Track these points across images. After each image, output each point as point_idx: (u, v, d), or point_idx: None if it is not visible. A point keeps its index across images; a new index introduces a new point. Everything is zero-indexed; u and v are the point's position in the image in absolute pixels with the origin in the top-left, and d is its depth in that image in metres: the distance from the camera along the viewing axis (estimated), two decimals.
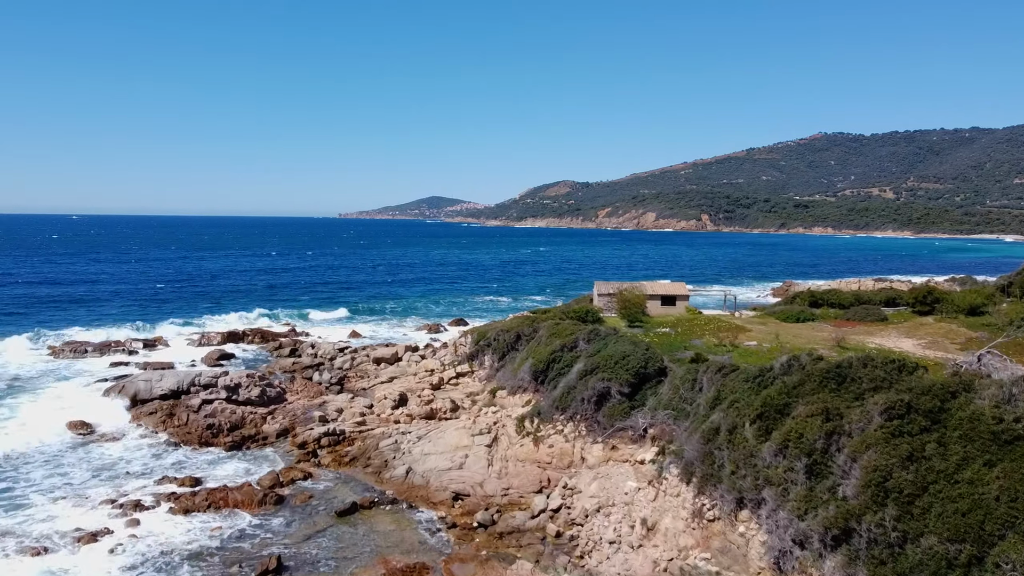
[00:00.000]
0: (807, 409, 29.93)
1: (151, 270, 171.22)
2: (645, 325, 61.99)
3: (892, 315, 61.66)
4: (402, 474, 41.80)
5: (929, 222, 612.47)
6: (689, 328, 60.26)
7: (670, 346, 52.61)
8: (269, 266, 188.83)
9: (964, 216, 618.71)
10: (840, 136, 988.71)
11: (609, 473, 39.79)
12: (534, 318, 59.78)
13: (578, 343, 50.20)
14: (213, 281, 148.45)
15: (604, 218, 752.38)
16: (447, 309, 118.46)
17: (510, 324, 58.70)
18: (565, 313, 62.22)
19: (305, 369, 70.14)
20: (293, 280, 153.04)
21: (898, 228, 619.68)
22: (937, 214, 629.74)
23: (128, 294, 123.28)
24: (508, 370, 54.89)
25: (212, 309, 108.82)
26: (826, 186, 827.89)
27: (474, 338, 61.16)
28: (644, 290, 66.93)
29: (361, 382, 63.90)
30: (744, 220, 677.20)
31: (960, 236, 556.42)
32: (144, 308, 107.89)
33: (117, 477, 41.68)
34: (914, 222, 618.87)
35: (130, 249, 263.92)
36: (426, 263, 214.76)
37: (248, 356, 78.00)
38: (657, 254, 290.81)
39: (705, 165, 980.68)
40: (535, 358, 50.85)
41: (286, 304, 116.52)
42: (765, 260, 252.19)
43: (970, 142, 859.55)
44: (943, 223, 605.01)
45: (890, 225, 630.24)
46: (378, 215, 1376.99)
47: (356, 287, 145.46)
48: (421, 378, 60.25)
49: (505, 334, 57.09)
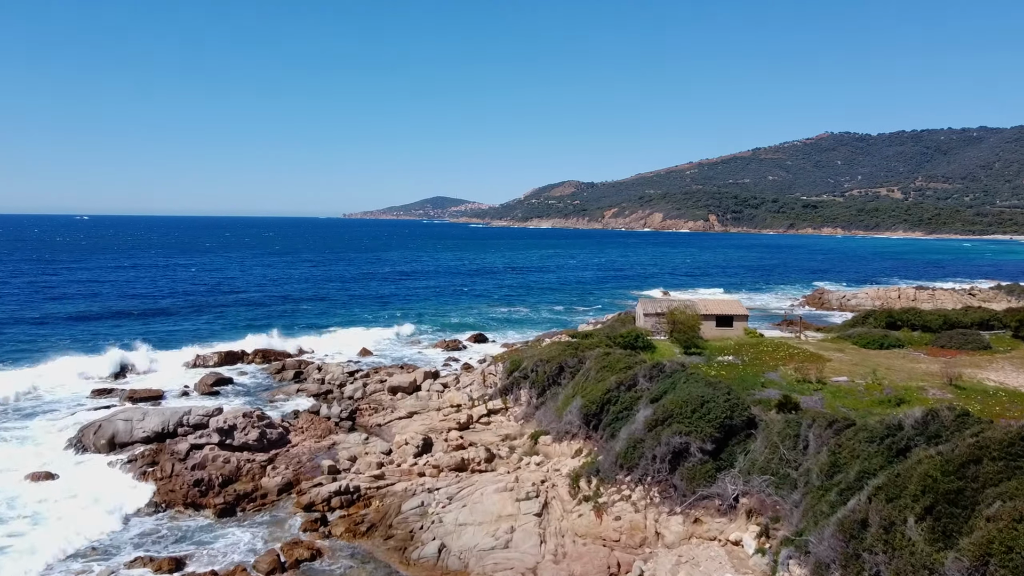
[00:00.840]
0: (1012, 509, 21.67)
1: (141, 278, 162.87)
2: (703, 351, 53.80)
3: (992, 340, 53.35)
4: (433, 553, 33.60)
5: (940, 222, 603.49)
6: (756, 356, 52.09)
7: (742, 381, 44.50)
8: (270, 273, 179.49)
9: (976, 217, 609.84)
10: (846, 136, 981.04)
11: (696, 557, 31.54)
12: (576, 344, 51.59)
13: (637, 380, 42.05)
14: (212, 291, 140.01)
15: (610, 218, 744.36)
16: (462, 319, 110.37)
17: (550, 352, 50.48)
18: (611, 338, 54.06)
19: (312, 398, 62.11)
20: (296, 289, 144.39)
21: (909, 228, 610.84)
22: (948, 214, 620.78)
23: (114, 306, 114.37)
24: (550, 408, 46.72)
25: (210, 324, 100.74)
26: (833, 186, 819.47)
27: (506, 367, 52.98)
28: (697, 309, 58.75)
29: (375, 416, 55.67)
30: (752, 221, 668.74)
31: (973, 237, 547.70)
32: (135, 323, 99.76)
33: (78, 556, 33.53)
34: (925, 222, 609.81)
35: (124, 253, 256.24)
36: (436, 269, 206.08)
37: (247, 382, 69.83)
38: (671, 257, 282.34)
39: (711, 165, 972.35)
40: (585, 397, 42.68)
41: (290, 317, 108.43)
42: (785, 263, 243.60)
43: (978, 141, 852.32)
44: (955, 224, 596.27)
45: (901, 226, 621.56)
46: (382, 215, 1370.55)
47: (363, 296, 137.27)
48: (446, 415, 52.04)
49: (545, 365, 48.89)
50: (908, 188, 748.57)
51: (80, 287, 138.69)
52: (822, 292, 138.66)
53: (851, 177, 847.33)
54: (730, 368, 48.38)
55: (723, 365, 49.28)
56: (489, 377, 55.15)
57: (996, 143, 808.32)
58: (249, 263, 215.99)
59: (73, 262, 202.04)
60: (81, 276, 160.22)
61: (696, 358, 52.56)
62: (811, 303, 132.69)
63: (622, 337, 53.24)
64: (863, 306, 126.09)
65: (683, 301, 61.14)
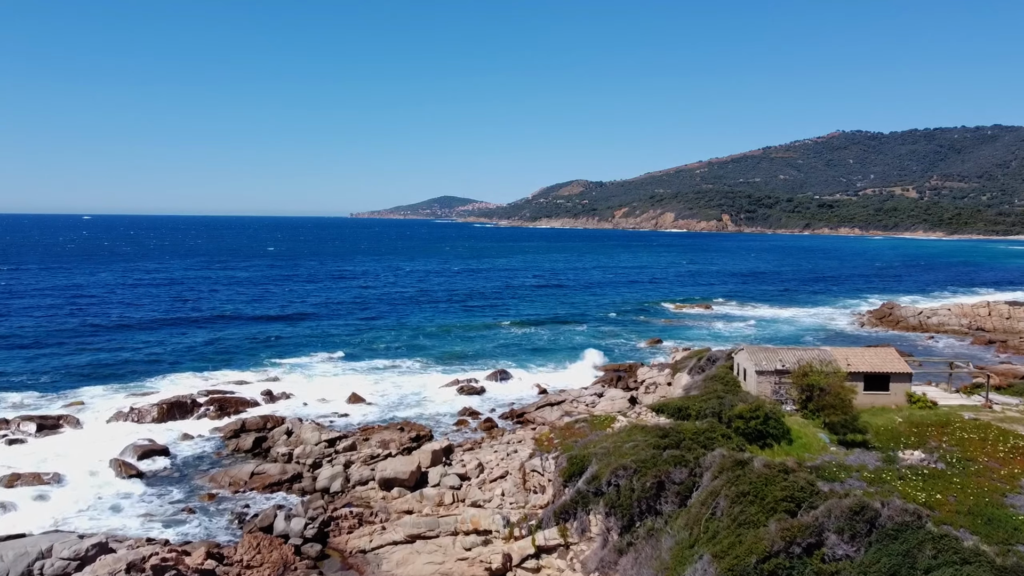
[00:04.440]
0: None
1: (90, 291, 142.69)
2: (867, 438, 34.71)
3: None
4: None
5: (962, 223, 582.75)
6: (961, 451, 32.92)
7: (983, 517, 25.48)
8: (255, 290, 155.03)
9: (998, 216, 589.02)
10: (858, 134, 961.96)
11: None
12: (675, 435, 32.38)
13: (824, 535, 23.10)
14: (173, 307, 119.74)
15: (621, 218, 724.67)
16: (475, 344, 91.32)
17: (635, 451, 31.27)
18: (723, 418, 34.95)
19: (268, 489, 43.12)
20: (282, 307, 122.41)
21: (929, 229, 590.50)
22: (969, 214, 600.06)
23: (49, 335, 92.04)
24: (646, 556, 27.67)
25: (161, 358, 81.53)
26: (845, 185, 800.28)
27: (561, 468, 33.78)
28: (836, 365, 39.56)
29: (359, 535, 36.67)
30: (767, 220, 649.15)
31: (997, 237, 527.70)
32: (68, 357, 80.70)
33: None
34: (946, 223, 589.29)
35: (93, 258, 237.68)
36: (442, 279, 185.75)
37: (188, 453, 50.79)
38: (695, 262, 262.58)
39: (721, 164, 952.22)
40: (724, 561, 23.60)
41: (265, 344, 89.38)
42: (823, 270, 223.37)
43: (993, 140, 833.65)
44: (977, 224, 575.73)
45: (920, 226, 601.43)
46: (390, 215, 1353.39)
47: (356, 314, 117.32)
48: (468, 547, 32.92)
49: (632, 478, 29.76)
50: (923, 187, 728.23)
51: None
52: (892, 307, 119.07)
53: (864, 176, 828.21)
54: (937, 482, 29.27)
55: (919, 474, 30.19)
56: (533, 476, 35.98)
57: (1012, 141, 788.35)
58: (232, 271, 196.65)
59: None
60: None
61: (860, 452, 33.51)
62: (882, 321, 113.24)
63: (741, 420, 34.05)
64: (948, 325, 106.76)
65: (811, 353, 41.75)
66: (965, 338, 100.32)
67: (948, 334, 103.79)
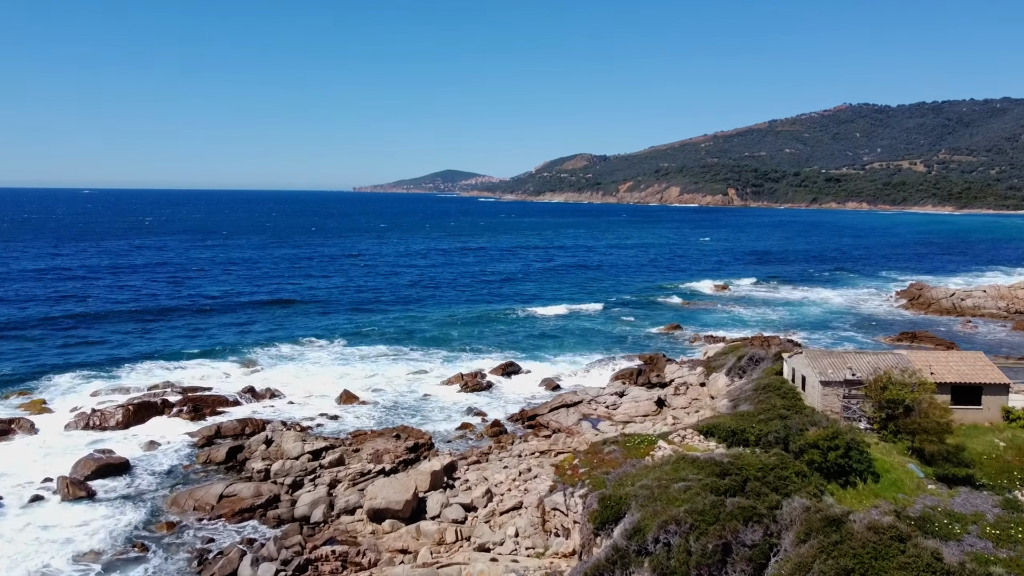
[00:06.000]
0: None
1: (72, 272, 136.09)
2: (972, 472, 27.94)
3: None
4: None
5: (971, 197, 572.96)
6: None
7: None
8: (247, 271, 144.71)
9: (1008, 191, 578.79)
10: (865, 107, 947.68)
11: None
12: (740, 474, 25.62)
13: None
14: (153, 290, 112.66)
15: (625, 192, 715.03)
16: (480, 332, 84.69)
17: (694, 502, 24.50)
18: (792, 446, 28.16)
19: (239, 516, 36.57)
20: (274, 289, 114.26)
21: (938, 203, 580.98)
22: (979, 188, 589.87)
23: (19, 320, 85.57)
24: None
25: (138, 347, 74.88)
26: (852, 159, 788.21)
27: (592, 511, 26.99)
28: (920, 374, 32.69)
29: None
30: (773, 195, 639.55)
31: (1008, 212, 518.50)
32: (36, 344, 74.23)
33: None
34: (955, 197, 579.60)
35: (86, 235, 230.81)
36: (447, 261, 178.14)
37: (151, 467, 44.16)
38: (703, 238, 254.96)
39: (726, 137, 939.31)
40: None
41: (254, 334, 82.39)
42: (839, 248, 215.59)
43: (1002, 113, 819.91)
44: (987, 198, 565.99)
45: (929, 200, 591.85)
46: (392, 189, 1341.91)
47: (357, 298, 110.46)
48: None
49: (688, 536, 23.03)
50: (931, 161, 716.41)
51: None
52: (921, 288, 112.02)
53: (871, 150, 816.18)
54: None
55: None
56: (554, 515, 29.26)
57: (1021, 114, 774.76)
58: (217, 250, 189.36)
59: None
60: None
61: (967, 492, 26.78)
62: (913, 303, 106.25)
63: (817, 451, 27.21)
64: (984, 308, 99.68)
65: (885, 359, 34.91)
66: (1005, 323, 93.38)
67: (985, 318, 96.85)
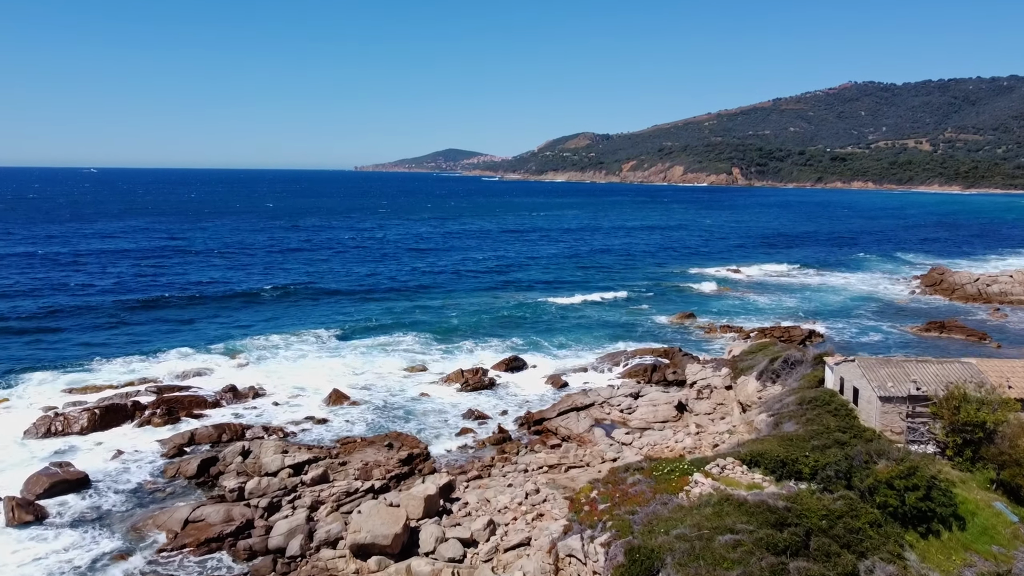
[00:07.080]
0: None
1: (54, 257, 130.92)
2: None
3: None
4: None
5: (979, 176, 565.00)
6: None
7: None
8: (240, 256, 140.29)
9: (1016, 170, 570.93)
10: (870, 85, 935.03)
11: None
12: (801, 524, 20.89)
13: None
14: (145, 276, 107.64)
15: (628, 172, 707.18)
16: (482, 322, 79.92)
17: (747, 563, 19.78)
18: (856, 483, 23.37)
19: (205, 547, 31.93)
20: (265, 275, 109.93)
21: (945, 183, 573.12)
22: (987, 168, 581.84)
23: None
24: None
25: (116, 339, 70.22)
26: (857, 138, 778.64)
27: (617, 567, 22.32)
28: (993, 386, 27.87)
29: None
30: (778, 174, 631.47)
31: (1016, 192, 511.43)
32: (5, 337, 69.65)
33: None
34: (962, 176, 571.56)
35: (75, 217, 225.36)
36: (447, 244, 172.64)
37: (113, 482, 39.54)
38: (709, 219, 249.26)
39: (730, 116, 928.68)
40: None
41: (240, 325, 77.46)
42: (849, 229, 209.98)
43: (1009, 91, 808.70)
44: (994, 177, 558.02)
45: (936, 180, 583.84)
46: (394, 168, 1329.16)
47: (352, 284, 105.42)
48: None
49: None
50: (937, 140, 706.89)
51: None
52: (942, 272, 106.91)
53: (876, 128, 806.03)
54: None
55: None
56: (569, 563, 24.57)
57: None
58: (211, 232, 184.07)
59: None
60: None
61: None
62: (935, 289, 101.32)
63: (892, 491, 22.40)
64: (1012, 294, 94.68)
65: (952, 369, 30.05)
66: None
67: (1014, 305, 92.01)
